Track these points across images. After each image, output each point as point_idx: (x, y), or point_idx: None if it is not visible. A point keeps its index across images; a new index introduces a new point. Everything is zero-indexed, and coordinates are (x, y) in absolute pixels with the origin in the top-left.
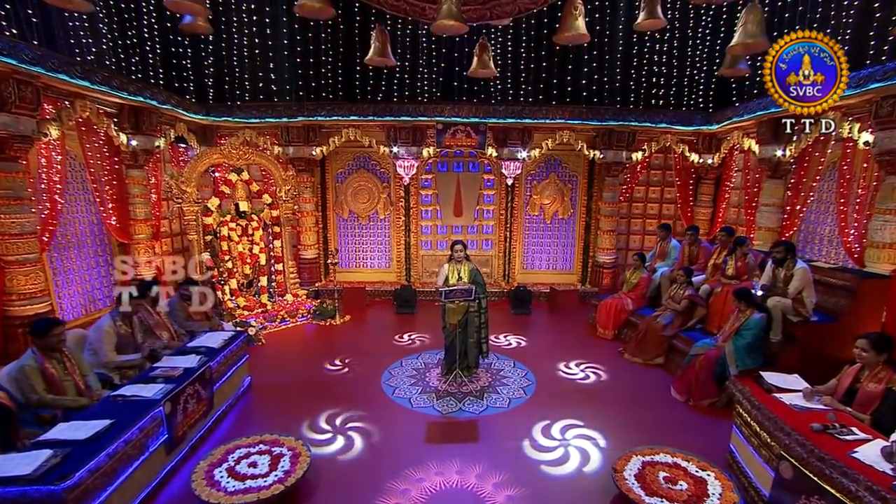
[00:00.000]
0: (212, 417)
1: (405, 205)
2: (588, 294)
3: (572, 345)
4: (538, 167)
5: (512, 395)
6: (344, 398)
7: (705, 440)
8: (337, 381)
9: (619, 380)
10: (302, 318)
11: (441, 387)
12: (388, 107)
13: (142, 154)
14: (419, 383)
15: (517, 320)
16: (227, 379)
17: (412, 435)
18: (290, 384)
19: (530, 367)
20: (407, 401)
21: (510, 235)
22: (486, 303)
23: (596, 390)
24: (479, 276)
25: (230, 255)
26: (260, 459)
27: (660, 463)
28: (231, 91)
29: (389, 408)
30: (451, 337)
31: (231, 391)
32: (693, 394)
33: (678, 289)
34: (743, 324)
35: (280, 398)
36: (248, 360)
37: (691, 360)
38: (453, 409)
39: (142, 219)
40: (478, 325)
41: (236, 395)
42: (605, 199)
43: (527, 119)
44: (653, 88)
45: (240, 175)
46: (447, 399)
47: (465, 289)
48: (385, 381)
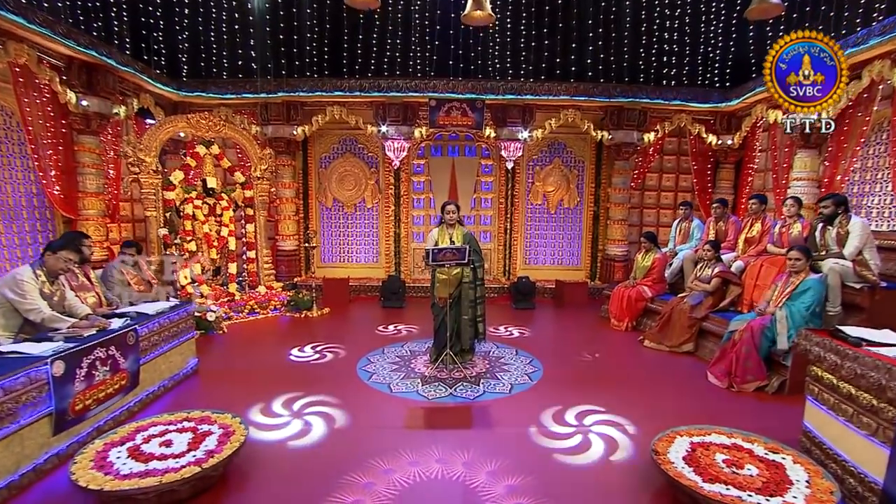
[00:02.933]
0: (137, 397)
1: (395, 192)
2: (598, 290)
3: (584, 335)
4: (541, 151)
5: (514, 381)
6: (309, 383)
7: (763, 426)
8: (303, 367)
9: (643, 367)
10: (274, 310)
11: (429, 373)
12: (377, 82)
13: (95, 118)
14: (402, 369)
15: (519, 314)
16: (164, 353)
17: (387, 421)
18: (246, 370)
19: (536, 354)
20: (386, 386)
21: (510, 227)
22: (482, 273)
23: (617, 378)
24: (474, 241)
25: (194, 236)
26: (178, 438)
27: (715, 444)
28: (207, 66)
29: (363, 393)
30: (441, 315)
31: (169, 370)
32: (735, 376)
33: (705, 267)
34: (797, 287)
35: (232, 383)
36: (195, 337)
37: (729, 338)
38: (442, 394)
39: (92, 192)
40: (473, 300)
41: (176, 377)
42: (614, 185)
43: (528, 95)
44: (664, 67)
45: (209, 148)
46: (435, 385)
47: (458, 248)
48: (361, 367)
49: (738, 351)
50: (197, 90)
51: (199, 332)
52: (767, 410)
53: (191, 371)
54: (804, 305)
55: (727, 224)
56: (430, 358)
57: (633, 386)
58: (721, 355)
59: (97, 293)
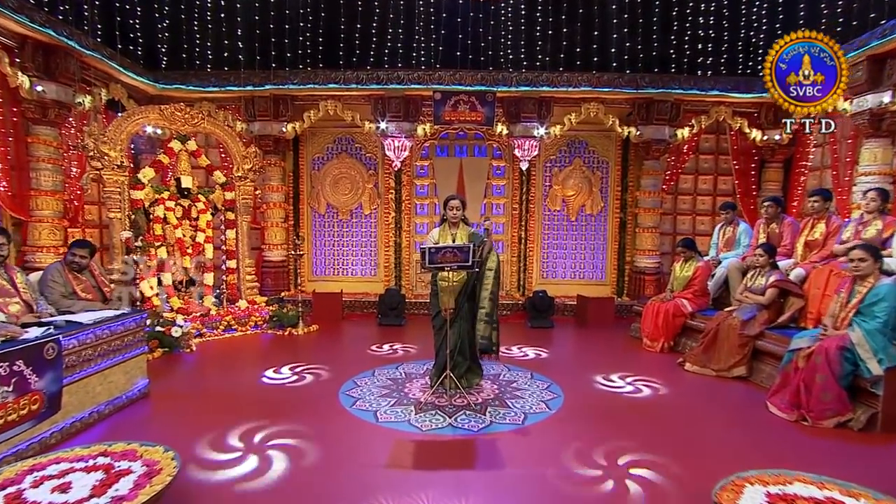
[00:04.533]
0: (57, 425)
1: (396, 197)
2: (626, 307)
3: (612, 357)
4: (559, 151)
5: (529, 409)
6: (278, 410)
7: (855, 473)
8: (276, 390)
9: (685, 395)
10: (255, 327)
11: (425, 398)
12: (375, 74)
13: (53, 107)
14: (394, 394)
15: (536, 333)
16: (100, 372)
17: (367, 457)
18: (208, 393)
19: (555, 378)
20: (371, 414)
21: (525, 236)
22: (495, 264)
23: (654, 407)
24: (480, 237)
25: (164, 241)
26: (81, 480)
27: (801, 497)
28: (189, 57)
29: (342, 422)
30: (444, 329)
31: (107, 393)
32: (808, 409)
33: (757, 276)
34: (865, 296)
35: (186, 408)
36: (146, 354)
37: (792, 358)
38: (439, 424)
39: (47, 190)
40: (489, 293)
41: (117, 400)
42: (643, 189)
43: (544, 87)
44: (700, 54)
45: (184, 143)
46: (432, 413)
47: (460, 247)
48: (345, 391)
49: (806, 378)
50: (176, 82)
51: (161, 349)
52: (856, 452)
53: (138, 394)
54: (879, 321)
55: (782, 226)
56: (430, 379)
57: (675, 418)
58: (783, 381)
59: (23, 300)
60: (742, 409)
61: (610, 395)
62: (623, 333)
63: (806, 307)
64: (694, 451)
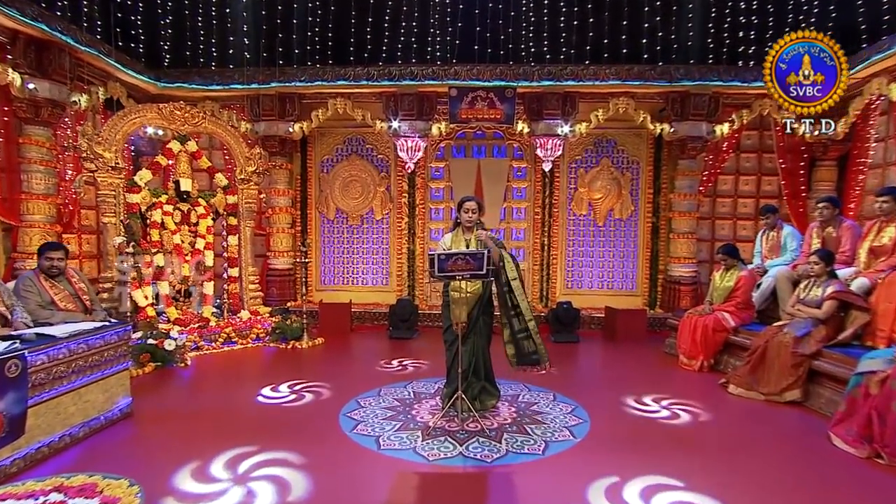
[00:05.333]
0: (19, 452)
1: (409, 201)
2: (659, 321)
3: (644, 377)
4: (586, 150)
5: (551, 436)
6: (270, 433)
7: None
8: (271, 411)
9: (730, 422)
10: (256, 339)
11: (434, 422)
12: (387, 69)
13: (46, 106)
14: (400, 417)
15: (560, 349)
16: (75, 390)
17: (365, 491)
18: (197, 414)
19: (580, 400)
20: (373, 440)
21: (548, 242)
22: (515, 270)
23: (695, 436)
24: (500, 242)
25: (162, 248)
26: None
27: None
28: (193, 55)
29: (340, 449)
30: (456, 344)
31: (83, 414)
32: (885, 443)
33: (813, 287)
34: None
35: (171, 431)
36: (127, 370)
37: (861, 382)
38: (448, 453)
39: (39, 193)
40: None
41: (94, 422)
42: (678, 191)
43: (569, 81)
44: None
45: (184, 144)
46: (440, 440)
47: (472, 253)
48: (346, 413)
49: (880, 406)
50: (178, 81)
51: (153, 364)
52: None
53: (119, 414)
54: None
55: (840, 230)
56: (441, 400)
57: (719, 449)
58: (850, 409)
59: None
60: (799, 440)
61: (643, 421)
62: (656, 350)
63: (872, 323)
64: (743, 490)
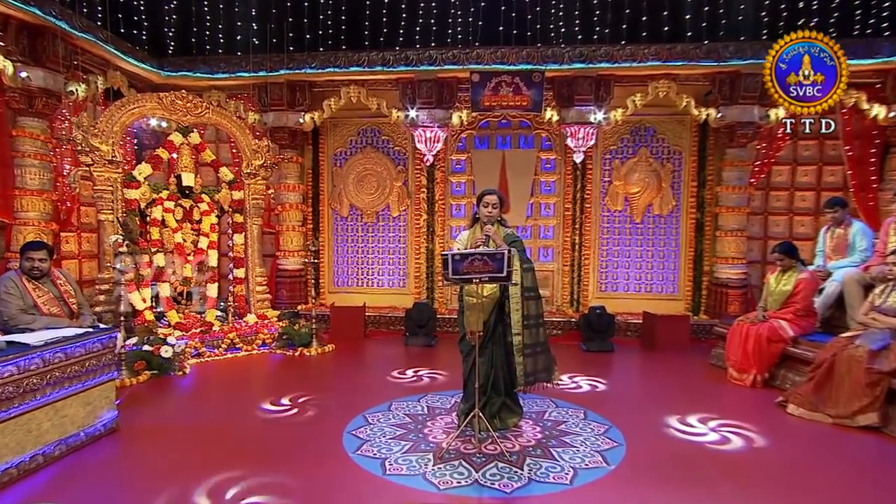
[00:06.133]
0: None
1: (428, 197)
2: (704, 328)
3: (688, 393)
4: (621, 140)
5: (580, 462)
6: (265, 454)
7: None
8: (270, 427)
9: (791, 449)
10: (263, 346)
11: (447, 443)
12: (404, 54)
13: (41, 96)
14: (410, 437)
15: (592, 359)
16: (50, 404)
17: None
18: (190, 429)
19: (615, 420)
20: (377, 464)
21: (580, 241)
22: (532, 281)
23: (750, 464)
24: (519, 242)
25: (162, 247)
26: None
27: None
28: (199, 42)
29: (340, 473)
30: (472, 356)
31: (60, 430)
32: None
33: (892, 292)
34: None
35: (158, 450)
36: (112, 380)
37: None
38: (461, 481)
39: (33, 189)
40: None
41: (74, 439)
42: (726, 183)
43: (603, 63)
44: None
45: (186, 136)
46: (454, 465)
47: (490, 253)
48: (351, 430)
49: None
50: (182, 69)
51: (149, 372)
52: None
53: (103, 430)
54: None
55: None
56: (457, 417)
57: (779, 481)
58: None
59: None
60: (875, 473)
61: (688, 446)
62: (701, 361)
63: None
64: None
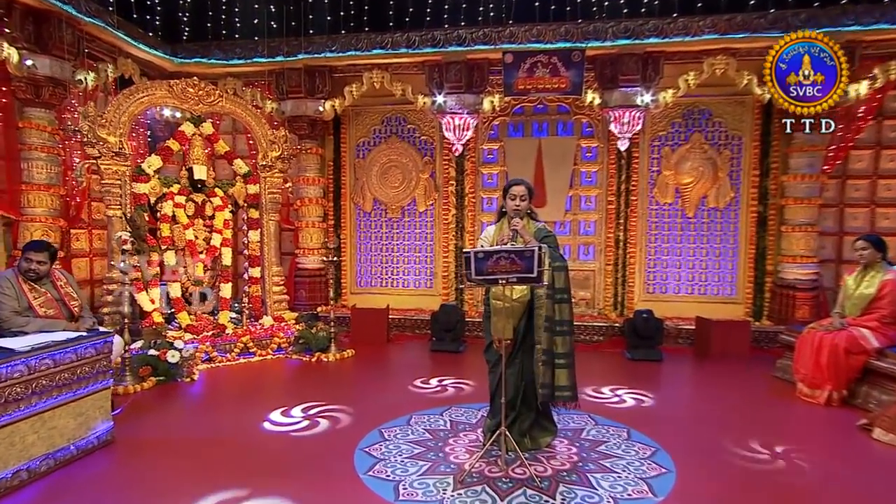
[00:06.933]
0: None
1: (457, 190)
2: (767, 336)
3: (750, 411)
4: (672, 125)
5: (622, 491)
6: (268, 472)
7: None
8: (275, 442)
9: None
10: (278, 350)
11: (470, 465)
12: (430, 35)
13: (47, 85)
14: (429, 455)
15: (637, 369)
16: (35, 415)
17: None
18: (190, 442)
19: (663, 442)
20: (390, 487)
21: (625, 238)
22: (565, 282)
23: (826, 499)
24: (551, 237)
25: (173, 244)
26: None
27: None
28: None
29: (348, 496)
30: (500, 367)
31: (47, 444)
32: None
33: None
34: None
35: (153, 465)
36: (108, 388)
37: None
38: None
39: (41, 183)
40: (550, 325)
41: (63, 452)
42: (794, 171)
43: (651, 39)
44: None
45: (198, 127)
46: (476, 490)
47: (519, 251)
48: (364, 447)
49: None
50: (197, 56)
51: (154, 378)
52: None
53: (96, 443)
54: None
55: None
56: (483, 434)
57: None
58: None
59: None
60: None
61: (750, 475)
62: (764, 373)
63: None
64: None
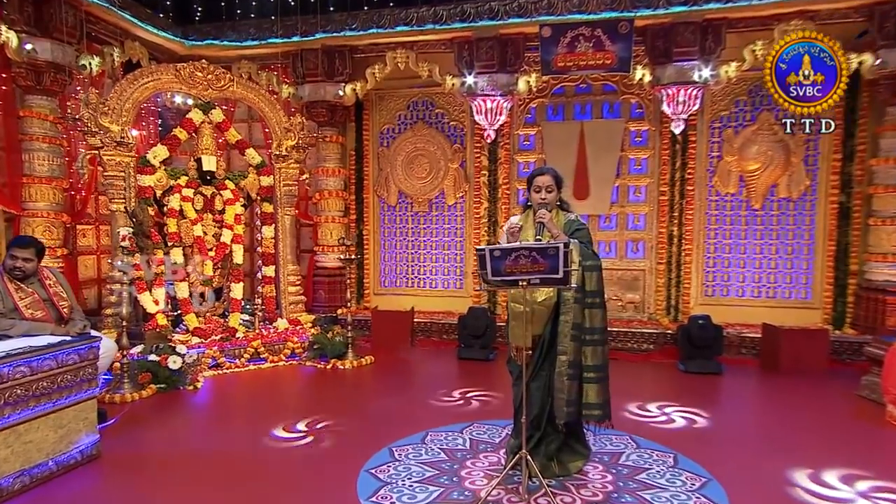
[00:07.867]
0: None
1: (490, 181)
2: (851, 347)
3: (826, 436)
4: (735, 103)
5: None
6: (262, 495)
7: None
8: (275, 460)
9: None
10: (292, 356)
11: (486, 493)
12: (459, 8)
13: (49, 71)
14: (442, 480)
15: (691, 383)
16: (8, 427)
17: None
18: (182, 458)
19: (716, 471)
20: None
21: (680, 233)
22: (598, 283)
23: None
24: (584, 231)
25: (180, 241)
26: None
27: None
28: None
29: None
30: (522, 380)
31: (22, 460)
32: None
33: None
34: None
35: (138, 484)
36: (93, 397)
37: None
38: None
39: (43, 176)
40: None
41: (37, 471)
42: (883, 153)
43: (711, 4)
44: None
45: (207, 114)
46: None
47: (542, 248)
48: (370, 468)
49: None
50: (209, 37)
51: (155, 386)
52: None
53: (80, 458)
54: None
55: None
56: (506, 455)
57: None
58: None
59: None
60: None
61: None
62: (845, 392)
63: None
64: None
